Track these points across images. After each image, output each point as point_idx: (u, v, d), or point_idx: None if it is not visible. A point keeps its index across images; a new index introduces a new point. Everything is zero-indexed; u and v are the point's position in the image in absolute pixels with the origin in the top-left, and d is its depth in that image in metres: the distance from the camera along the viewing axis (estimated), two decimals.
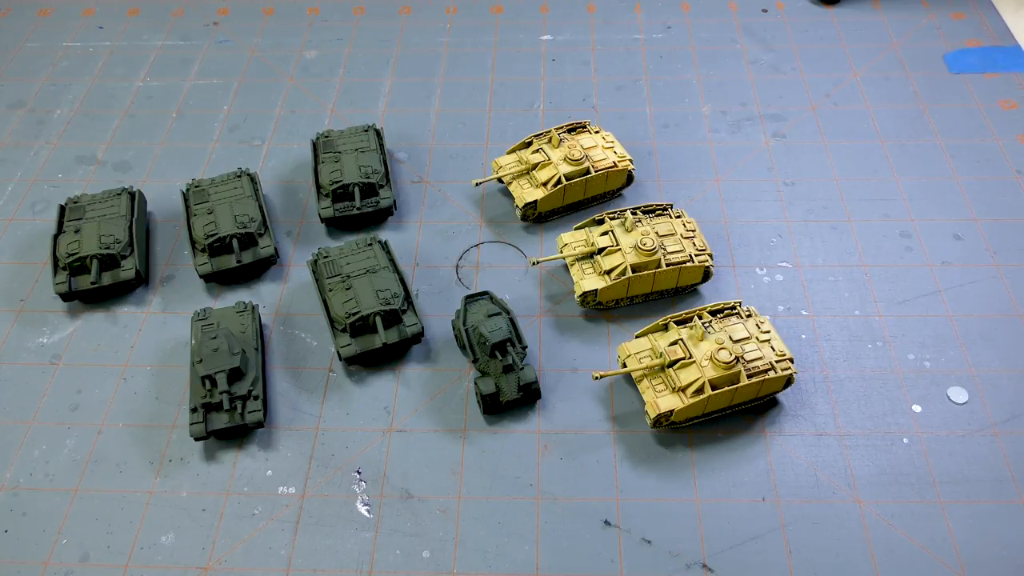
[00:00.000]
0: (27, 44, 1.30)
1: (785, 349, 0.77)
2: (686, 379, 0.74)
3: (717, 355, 0.74)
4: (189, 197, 0.98)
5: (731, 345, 0.75)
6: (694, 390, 0.74)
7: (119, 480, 0.80)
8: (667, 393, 0.75)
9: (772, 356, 0.76)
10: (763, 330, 0.78)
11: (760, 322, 0.79)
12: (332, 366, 0.88)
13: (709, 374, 0.74)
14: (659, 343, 0.78)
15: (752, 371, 0.75)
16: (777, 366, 0.76)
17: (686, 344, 0.76)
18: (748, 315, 0.80)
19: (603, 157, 0.99)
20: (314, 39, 1.29)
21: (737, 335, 0.77)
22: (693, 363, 0.75)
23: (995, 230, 0.99)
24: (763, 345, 0.77)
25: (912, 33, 1.27)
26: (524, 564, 0.73)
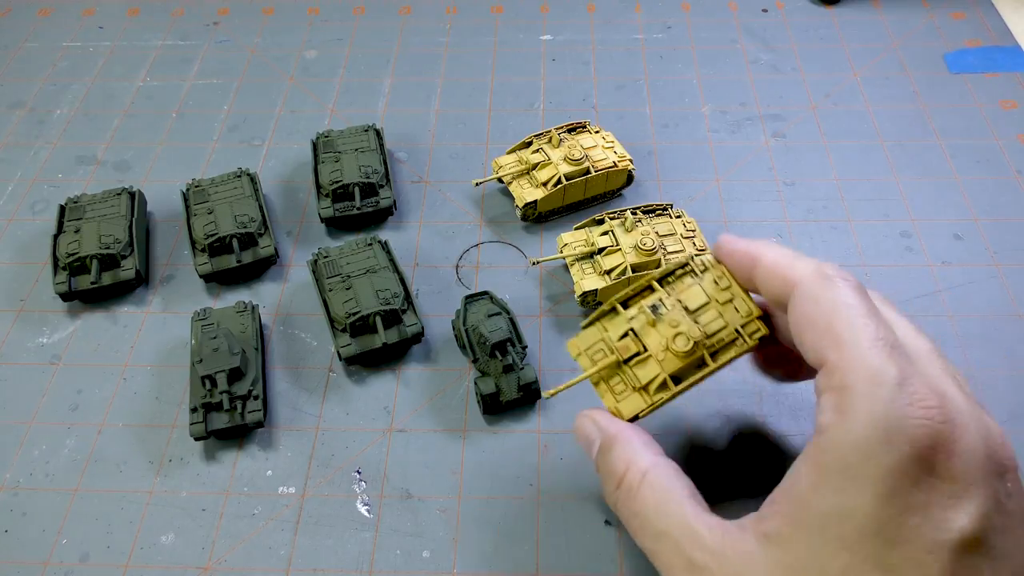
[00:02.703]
0: (27, 44, 1.30)
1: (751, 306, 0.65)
2: (645, 376, 0.65)
3: (673, 344, 0.64)
4: (189, 197, 0.98)
5: (688, 325, 0.64)
6: (656, 387, 0.65)
7: (119, 480, 0.80)
8: (628, 393, 0.66)
9: (737, 319, 0.65)
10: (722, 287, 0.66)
11: (718, 276, 0.67)
12: (332, 366, 0.88)
13: (669, 367, 0.64)
14: (610, 333, 0.67)
15: (716, 346, 0.64)
16: (744, 332, 0.64)
17: (637, 334, 0.66)
18: (704, 269, 0.68)
19: (603, 157, 0.99)
20: (314, 39, 1.29)
21: (694, 302, 0.66)
22: (650, 357, 0.65)
23: (995, 230, 0.99)
24: (725, 308, 0.65)
25: (912, 33, 1.27)
26: (524, 564, 0.73)
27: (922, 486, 0.46)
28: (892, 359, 0.49)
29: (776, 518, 0.51)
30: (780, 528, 0.50)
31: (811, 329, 0.53)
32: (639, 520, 0.58)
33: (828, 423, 0.49)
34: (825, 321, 0.53)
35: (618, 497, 0.60)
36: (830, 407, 0.50)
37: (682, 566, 0.54)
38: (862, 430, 0.47)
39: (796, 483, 0.51)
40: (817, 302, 0.54)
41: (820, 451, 0.49)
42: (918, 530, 0.45)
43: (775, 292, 0.59)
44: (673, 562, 0.55)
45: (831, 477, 0.48)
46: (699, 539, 0.53)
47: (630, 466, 0.59)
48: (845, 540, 0.46)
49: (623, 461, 0.60)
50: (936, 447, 0.46)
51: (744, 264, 0.63)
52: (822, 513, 0.48)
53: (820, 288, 0.54)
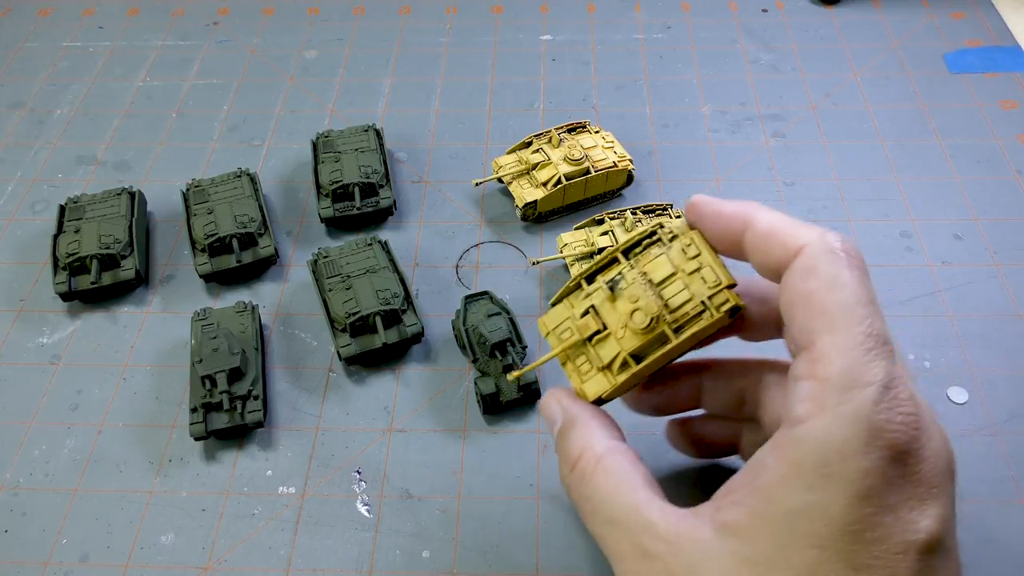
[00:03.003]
0: (27, 44, 1.30)
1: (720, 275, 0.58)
2: (606, 355, 0.60)
3: (631, 321, 0.59)
4: (189, 197, 0.98)
5: (647, 300, 0.59)
6: (619, 366, 0.60)
7: (119, 480, 0.80)
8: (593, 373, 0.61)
9: (704, 291, 0.58)
10: (690, 256, 0.60)
11: (686, 244, 0.60)
12: (332, 366, 0.88)
13: (628, 345, 0.59)
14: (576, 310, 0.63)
15: (681, 320, 0.58)
16: (711, 304, 0.58)
17: (597, 311, 0.62)
18: (672, 237, 0.61)
19: (603, 157, 0.99)
20: (314, 39, 1.29)
21: (659, 274, 0.60)
22: (610, 335, 0.60)
23: (995, 230, 0.99)
24: (692, 279, 0.59)
25: (912, 33, 1.27)
26: (524, 564, 0.73)
27: (895, 488, 0.46)
28: (882, 358, 0.48)
29: (735, 508, 0.50)
30: (740, 519, 0.49)
31: (804, 306, 0.50)
32: (590, 505, 0.56)
33: (805, 415, 0.47)
34: (822, 301, 0.49)
35: (571, 481, 0.58)
36: (809, 398, 0.48)
37: (633, 554, 0.52)
38: (844, 430, 0.46)
39: (760, 475, 0.49)
40: (818, 277, 0.50)
41: (794, 445, 0.47)
42: (889, 530, 0.46)
43: (770, 259, 0.54)
44: (623, 549, 0.53)
45: (805, 473, 0.46)
46: (652, 527, 0.52)
47: (585, 450, 0.58)
48: (815, 537, 0.46)
49: (579, 445, 0.58)
50: (910, 452, 0.46)
51: (732, 228, 0.57)
52: (790, 508, 0.47)
53: (823, 262, 0.50)
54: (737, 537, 0.49)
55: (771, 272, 0.55)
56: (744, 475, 0.51)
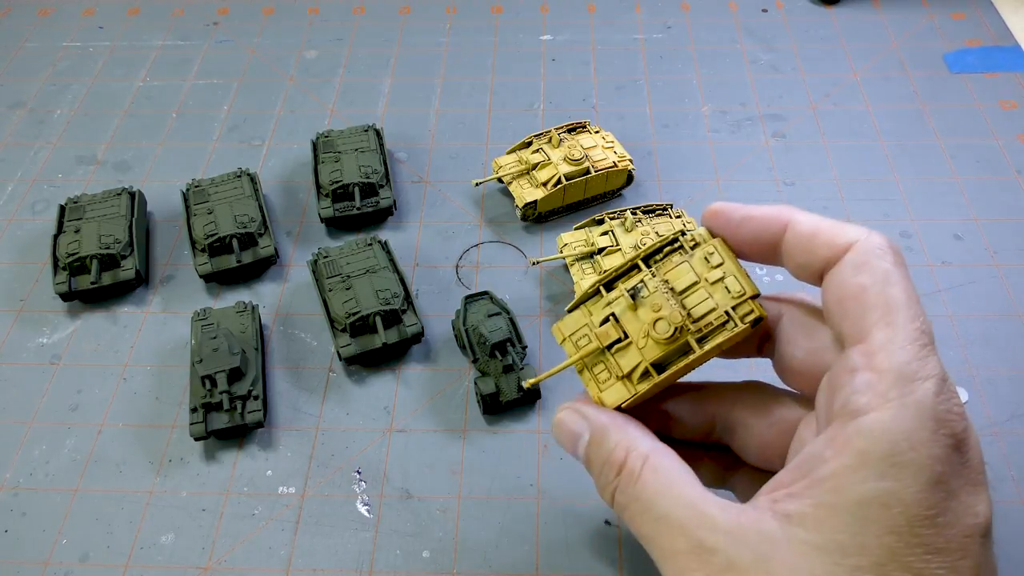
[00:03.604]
0: (27, 44, 1.30)
1: (744, 284, 0.58)
2: (627, 365, 0.59)
3: (654, 330, 0.58)
4: (189, 197, 0.98)
5: (670, 310, 0.58)
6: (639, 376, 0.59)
7: (119, 480, 0.80)
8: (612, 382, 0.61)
9: (727, 301, 0.58)
10: (713, 264, 0.59)
11: (708, 253, 0.60)
12: (332, 366, 0.88)
13: (650, 355, 0.58)
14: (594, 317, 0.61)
15: (704, 330, 0.58)
16: (735, 314, 0.57)
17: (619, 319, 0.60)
18: (694, 245, 0.60)
19: (603, 157, 0.99)
20: (314, 39, 1.29)
21: (681, 283, 0.59)
22: (631, 344, 0.60)
23: (995, 230, 0.99)
24: (715, 288, 0.58)
25: (912, 33, 1.27)
26: (524, 564, 0.73)
27: (956, 475, 0.48)
28: (933, 353, 0.50)
29: (796, 500, 0.50)
30: (804, 510, 0.49)
31: (857, 301, 0.51)
32: (640, 504, 0.55)
33: (866, 407, 0.48)
34: (875, 296, 0.50)
35: (618, 484, 0.57)
36: (870, 389, 0.49)
37: (687, 549, 0.51)
38: (911, 420, 0.47)
39: (819, 467, 0.50)
40: (870, 273, 0.51)
41: (859, 436, 0.48)
42: (956, 515, 0.47)
43: (814, 259, 0.55)
44: (677, 546, 0.52)
45: (874, 462, 0.47)
46: (709, 520, 0.51)
47: (630, 451, 0.56)
48: (891, 523, 0.47)
49: (622, 448, 0.57)
50: (964, 440, 0.49)
51: (766, 231, 0.57)
52: (862, 497, 0.47)
53: (874, 258, 0.52)
54: (804, 527, 0.49)
55: (812, 272, 0.56)
56: (795, 470, 0.51)
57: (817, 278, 0.55)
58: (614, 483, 0.57)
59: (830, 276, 0.53)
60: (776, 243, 0.57)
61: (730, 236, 0.59)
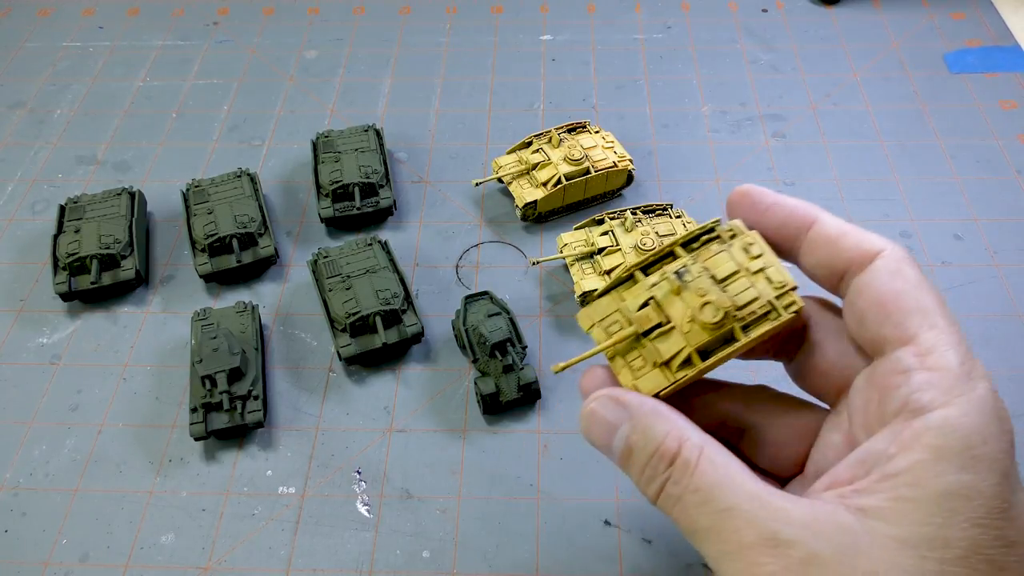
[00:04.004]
0: (27, 44, 1.30)
1: (785, 276, 0.57)
2: (667, 351, 0.57)
3: (701, 314, 0.56)
4: (189, 197, 0.98)
5: (717, 295, 0.56)
6: (680, 363, 0.57)
7: (119, 480, 0.80)
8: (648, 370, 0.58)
9: (770, 291, 0.56)
10: (753, 255, 0.58)
11: (748, 243, 0.58)
12: (332, 366, 0.88)
13: (695, 340, 0.56)
14: (627, 303, 0.59)
15: (748, 319, 0.56)
16: (778, 304, 0.56)
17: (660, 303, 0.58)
18: (732, 235, 0.59)
19: (603, 157, 0.99)
20: (314, 39, 1.29)
21: (722, 271, 0.57)
22: (673, 329, 0.57)
23: (995, 230, 0.99)
24: (757, 278, 0.57)
25: (912, 33, 1.27)
26: (524, 564, 0.73)
27: (1014, 470, 0.49)
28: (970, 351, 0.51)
29: (870, 495, 0.49)
30: (881, 504, 0.49)
31: (898, 304, 0.52)
32: (699, 495, 0.52)
33: (931, 403, 0.49)
34: (916, 300, 0.52)
35: (670, 475, 0.53)
36: (932, 387, 0.50)
37: (760, 543, 0.49)
38: (978, 416, 0.48)
39: (886, 461, 0.50)
40: (906, 279, 0.52)
41: (930, 431, 0.49)
42: (1019, 509, 0.48)
43: (837, 259, 0.55)
44: (746, 539, 0.49)
45: (952, 456, 0.48)
46: (783, 512, 0.49)
47: (684, 441, 0.53)
48: (973, 516, 0.47)
49: (674, 437, 0.53)
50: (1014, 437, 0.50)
51: (792, 223, 0.58)
52: (943, 490, 0.48)
53: (906, 266, 0.53)
54: (884, 521, 0.48)
55: (831, 271, 0.56)
56: (855, 467, 0.51)
57: (834, 279, 0.56)
58: (665, 475, 0.53)
59: (860, 282, 0.54)
60: (799, 236, 0.57)
61: (754, 221, 0.59)
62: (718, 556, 0.51)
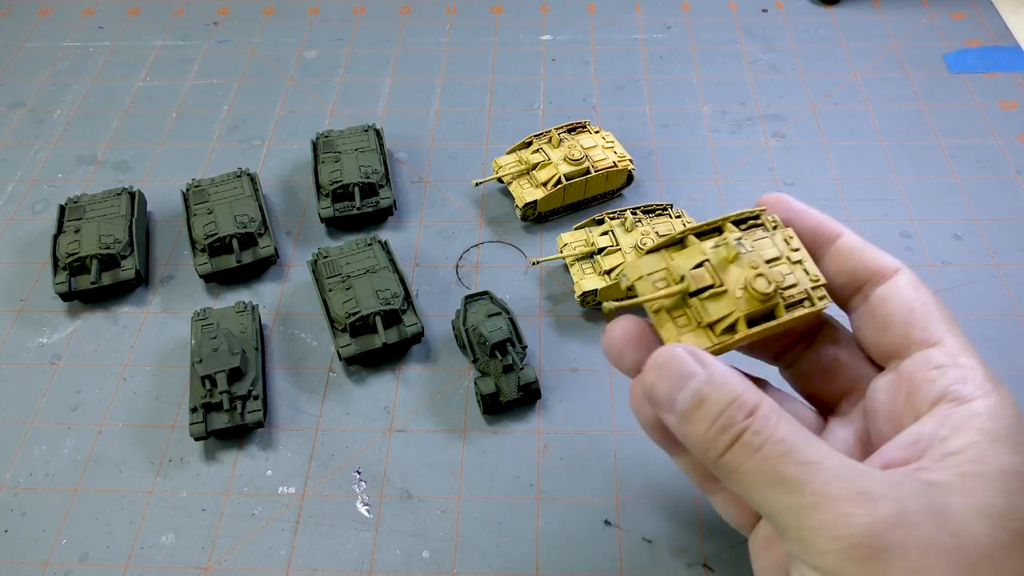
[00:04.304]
0: (27, 44, 1.30)
1: (819, 273, 0.61)
2: (716, 312, 0.58)
3: (754, 283, 0.58)
4: (189, 197, 0.98)
5: (768, 270, 0.59)
6: (725, 327, 0.58)
7: (119, 480, 0.80)
8: (691, 328, 0.59)
9: (807, 281, 0.60)
10: (793, 247, 0.61)
11: (788, 236, 0.62)
12: (332, 366, 0.88)
13: (745, 307, 0.58)
14: (677, 262, 0.61)
15: (788, 301, 0.59)
16: (813, 295, 0.59)
17: (714, 267, 0.59)
18: (774, 226, 0.62)
19: (603, 157, 0.99)
20: (314, 39, 1.29)
21: (767, 254, 0.60)
22: (725, 292, 0.58)
23: (995, 230, 0.99)
24: (795, 267, 0.60)
25: (912, 33, 1.27)
26: (524, 564, 0.73)
27: None
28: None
29: (935, 471, 0.52)
30: (949, 478, 0.52)
31: (924, 312, 0.58)
32: (784, 446, 0.52)
33: (972, 395, 0.54)
34: (937, 310, 0.58)
35: (751, 424, 0.53)
36: (967, 381, 0.55)
37: (850, 494, 0.50)
38: (1011, 408, 0.54)
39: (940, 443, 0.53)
40: (925, 292, 0.59)
41: (976, 416, 0.53)
42: None
43: (859, 269, 0.61)
44: (835, 490, 0.50)
45: (1003, 439, 0.52)
46: (869, 473, 0.51)
47: (762, 399, 0.54)
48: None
49: (754, 393, 0.54)
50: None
51: (820, 231, 0.62)
52: (1002, 468, 0.51)
53: (920, 282, 0.59)
54: (956, 492, 0.51)
55: (852, 279, 0.61)
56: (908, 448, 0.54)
57: (852, 288, 0.61)
58: (744, 423, 0.54)
59: (885, 291, 0.60)
60: (825, 244, 0.62)
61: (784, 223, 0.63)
62: (802, 508, 0.51)
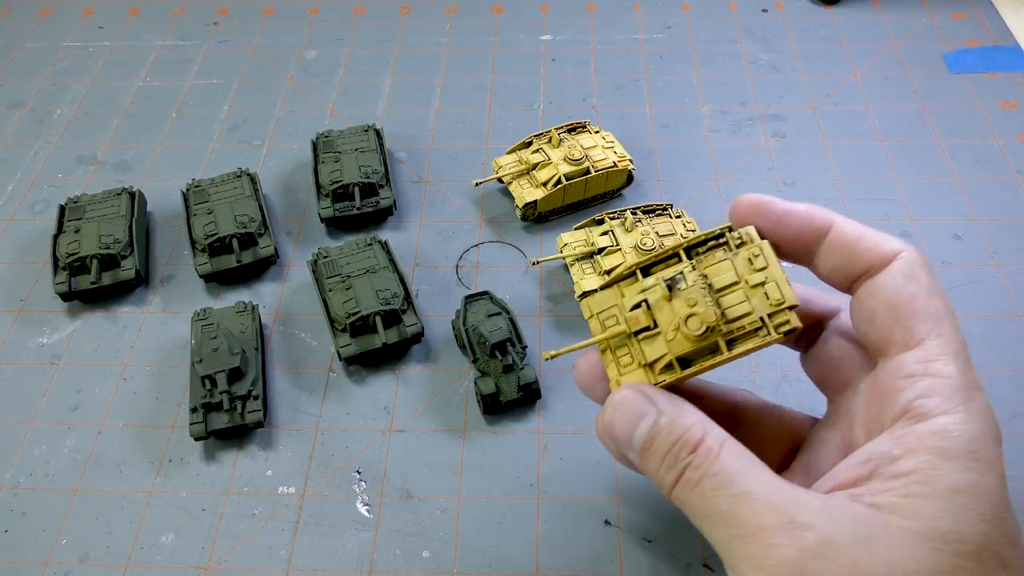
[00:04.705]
0: (27, 44, 1.30)
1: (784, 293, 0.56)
2: (651, 354, 0.58)
3: (685, 325, 0.56)
4: (189, 197, 0.98)
5: (705, 307, 0.56)
6: (661, 367, 0.58)
7: (119, 480, 0.80)
8: (633, 368, 0.59)
9: (764, 307, 0.56)
10: (756, 267, 0.58)
11: (754, 254, 0.58)
12: (332, 366, 0.88)
13: (676, 349, 0.57)
14: (625, 300, 0.60)
15: (736, 334, 0.56)
16: (770, 323, 0.56)
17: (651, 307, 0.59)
18: (739, 243, 0.59)
19: (603, 157, 0.99)
20: (314, 39, 1.29)
21: (721, 280, 0.58)
22: (659, 334, 0.58)
23: (995, 230, 0.99)
24: (754, 292, 0.57)
25: (912, 33, 1.27)
26: (524, 564, 0.73)
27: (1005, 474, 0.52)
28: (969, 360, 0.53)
29: (881, 493, 0.51)
30: (895, 500, 0.50)
31: (910, 308, 0.54)
32: (718, 480, 0.53)
33: (937, 409, 0.51)
34: (925, 306, 0.54)
35: (691, 461, 0.55)
36: (935, 394, 0.51)
37: (776, 525, 0.50)
38: (978, 423, 0.51)
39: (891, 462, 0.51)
40: (919, 283, 0.54)
41: (934, 434, 0.51)
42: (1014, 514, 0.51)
43: (855, 263, 0.57)
44: (762, 521, 0.51)
45: (957, 457, 0.50)
46: (800, 499, 0.51)
47: (708, 432, 0.55)
48: (982, 512, 0.49)
49: (699, 426, 0.56)
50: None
51: (808, 228, 0.59)
52: (953, 485, 0.49)
53: (920, 270, 0.55)
54: (898, 514, 0.50)
55: (847, 275, 0.57)
56: (857, 468, 0.53)
57: (849, 282, 0.57)
58: (686, 460, 0.55)
59: (875, 282, 0.55)
60: (815, 241, 0.59)
61: (770, 231, 0.59)
62: (731, 539, 0.52)
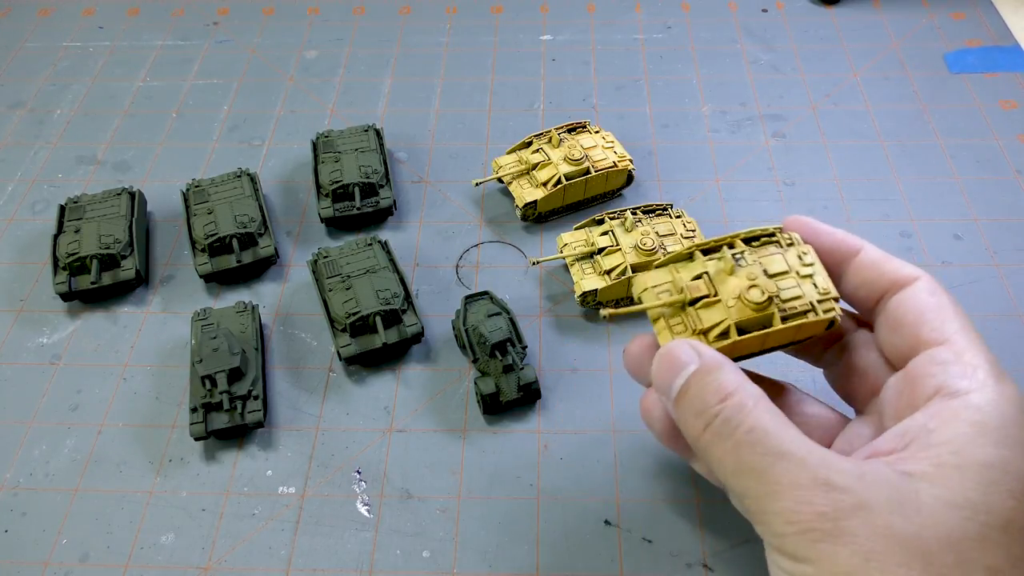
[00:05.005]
0: (27, 44, 1.30)
1: (830, 286, 0.63)
2: (709, 320, 0.62)
3: (747, 294, 0.61)
4: (189, 197, 0.98)
5: (764, 281, 0.62)
6: (718, 333, 0.61)
7: (119, 480, 0.80)
8: (687, 335, 0.63)
9: (814, 294, 0.62)
10: (806, 263, 0.64)
11: (803, 252, 0.65)
12: (332, 366, 0.88)
13: (736, 315, 0.61)
14: (681, 275, 0.64)
15: (788, 312, 0.61)
16: (818, 307, 0.62)
17: (711, 279, 0.63)
18: (789, 243, 0.65)
19: (603, 157, 0.99)
20: (314, 39, 1.29)
21: (774, 268, 0.63)
22: (718, 302, 0.62)
23: (995, 230, 0.99)
24: (804, 281, 0.63)
25: (912, 33, 1.27)
26: (524, 564, 0.73)
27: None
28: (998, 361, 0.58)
29: (914, 461, 0.53)
30: (927, 468, 0.52)
31: (938, 313, 0.59)
32: (753, 436, 0.54)
33: (969, 388, 0.55)
34: (952, 312, 0.59)
35: (723, 409, 0.56)
36: (966, 377, 0.56)
37: (813, 485, 0.52)
38: (1010, 406, 0.54)
39: (926, 434, 0.54)
40: (942, 296, 0.61)
41: (969, 410, 0.54)
42: None
43: (880, 280, 0.63)
44: (797, 478, 0.52)
45: (989, 432, 0.52)
46: (835, 461, 0.53)
47: (740, 386, 0.57)
48: (1010, 488, 0.51)
49: (733, 381, 0.57)
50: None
51: (841, 248, 0.65)
52: (983, 460, 0.52)
53: (939, 288, 0.61)
54: (930, 483, 0.52)
55: (872, 291, 0.63)
56: (895, 439, 0.55)
57: (873, 300, 0.63)
58: (716, 408, 0.57)
59: (903, 295, 0.61)
60: (845, 261, 0.64)
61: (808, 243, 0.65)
62: (764, 495, 0.53)
